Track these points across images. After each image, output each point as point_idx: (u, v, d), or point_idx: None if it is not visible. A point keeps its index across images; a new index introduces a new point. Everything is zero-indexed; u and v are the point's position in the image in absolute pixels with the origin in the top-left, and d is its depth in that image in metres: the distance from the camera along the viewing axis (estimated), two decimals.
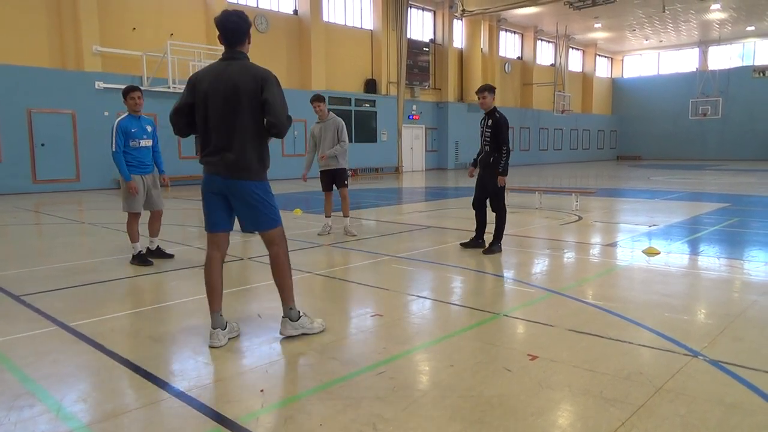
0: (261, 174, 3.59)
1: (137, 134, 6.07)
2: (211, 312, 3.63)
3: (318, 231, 8.15)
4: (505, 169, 6.54)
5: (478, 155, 6.86)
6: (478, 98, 6.66)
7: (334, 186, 8.04)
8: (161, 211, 6.46)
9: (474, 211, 6.97)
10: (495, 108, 6.63)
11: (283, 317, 3.71)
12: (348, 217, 8.09)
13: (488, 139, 6.60)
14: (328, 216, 8.14)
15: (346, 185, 8.01)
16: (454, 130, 29.33)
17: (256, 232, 3.81)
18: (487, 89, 6.63)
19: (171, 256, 6.42)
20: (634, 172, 25.94)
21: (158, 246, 6.41)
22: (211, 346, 3.54)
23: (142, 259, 6.10)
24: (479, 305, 4.52)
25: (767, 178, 19.79)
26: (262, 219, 3.61)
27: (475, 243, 6.86)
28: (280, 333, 3.71)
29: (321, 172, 8.06)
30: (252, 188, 3.53)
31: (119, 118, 6.08)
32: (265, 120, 3.48)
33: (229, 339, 3.65)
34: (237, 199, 3.55)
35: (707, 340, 3.58)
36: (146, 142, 6.16)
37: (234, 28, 3.51)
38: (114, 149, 5.96)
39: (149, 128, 6.23)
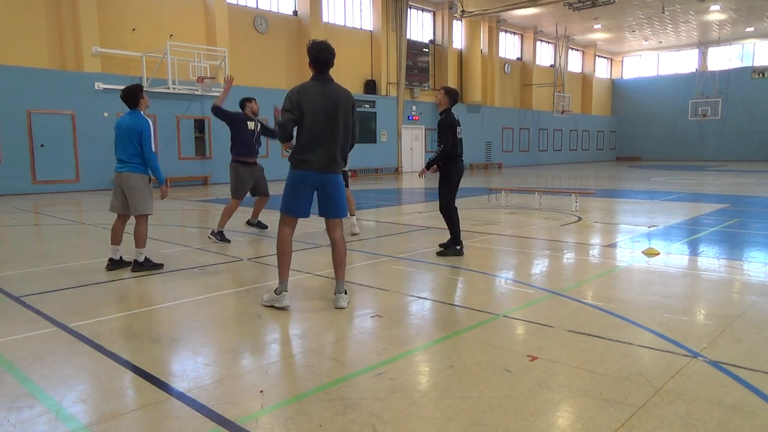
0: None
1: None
2: (283, 279, 4.41)
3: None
4: (431, 163, 6.47)
5: None
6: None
7: None
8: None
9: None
10: (448, 110, 6.45)
11: (339, 293, 4.46)
12: (354, 215, 8.15)
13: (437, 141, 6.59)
14: None
15: (347, 186, 7.82)
16: None
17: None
18: (445, 89, 6.54)
19: (160, 266, 5.94)
20: (633, 172, 25.94)
21: (146, 257, 5.89)
22: (287, 306, 4.35)
23: (150, 266, 5.78)
24: (479, 306, 4.52)
25: (766, 179, 19.80)
26: (340, 206, 4.53)
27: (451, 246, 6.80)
28: (340, 306, 4.38)
29: None
30: (339, 180, 4.50)
31: (147, 119, 5.78)
32: (352, 131, 4.55)
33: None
34: (329, 189, 4.44)
35: (707, 341, 3.59)
36: None
37: (327, 59, 4.39)
38: (155, 150, 5.75)
39: None
